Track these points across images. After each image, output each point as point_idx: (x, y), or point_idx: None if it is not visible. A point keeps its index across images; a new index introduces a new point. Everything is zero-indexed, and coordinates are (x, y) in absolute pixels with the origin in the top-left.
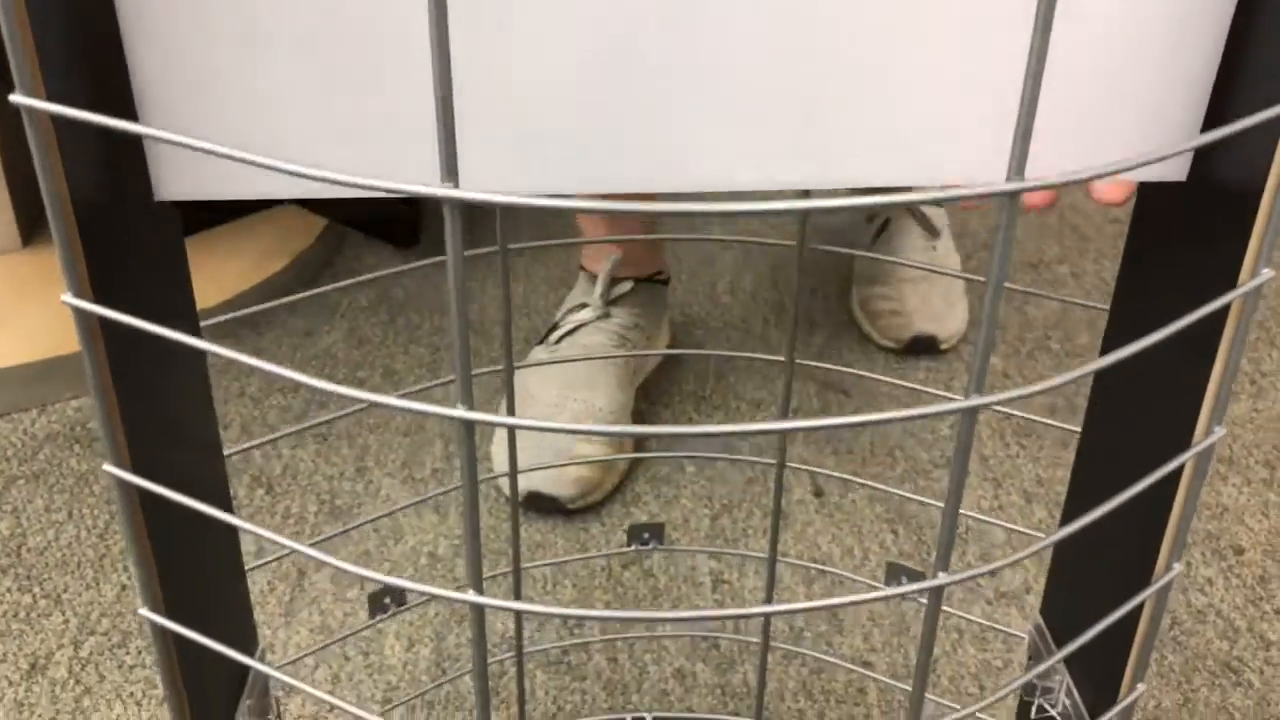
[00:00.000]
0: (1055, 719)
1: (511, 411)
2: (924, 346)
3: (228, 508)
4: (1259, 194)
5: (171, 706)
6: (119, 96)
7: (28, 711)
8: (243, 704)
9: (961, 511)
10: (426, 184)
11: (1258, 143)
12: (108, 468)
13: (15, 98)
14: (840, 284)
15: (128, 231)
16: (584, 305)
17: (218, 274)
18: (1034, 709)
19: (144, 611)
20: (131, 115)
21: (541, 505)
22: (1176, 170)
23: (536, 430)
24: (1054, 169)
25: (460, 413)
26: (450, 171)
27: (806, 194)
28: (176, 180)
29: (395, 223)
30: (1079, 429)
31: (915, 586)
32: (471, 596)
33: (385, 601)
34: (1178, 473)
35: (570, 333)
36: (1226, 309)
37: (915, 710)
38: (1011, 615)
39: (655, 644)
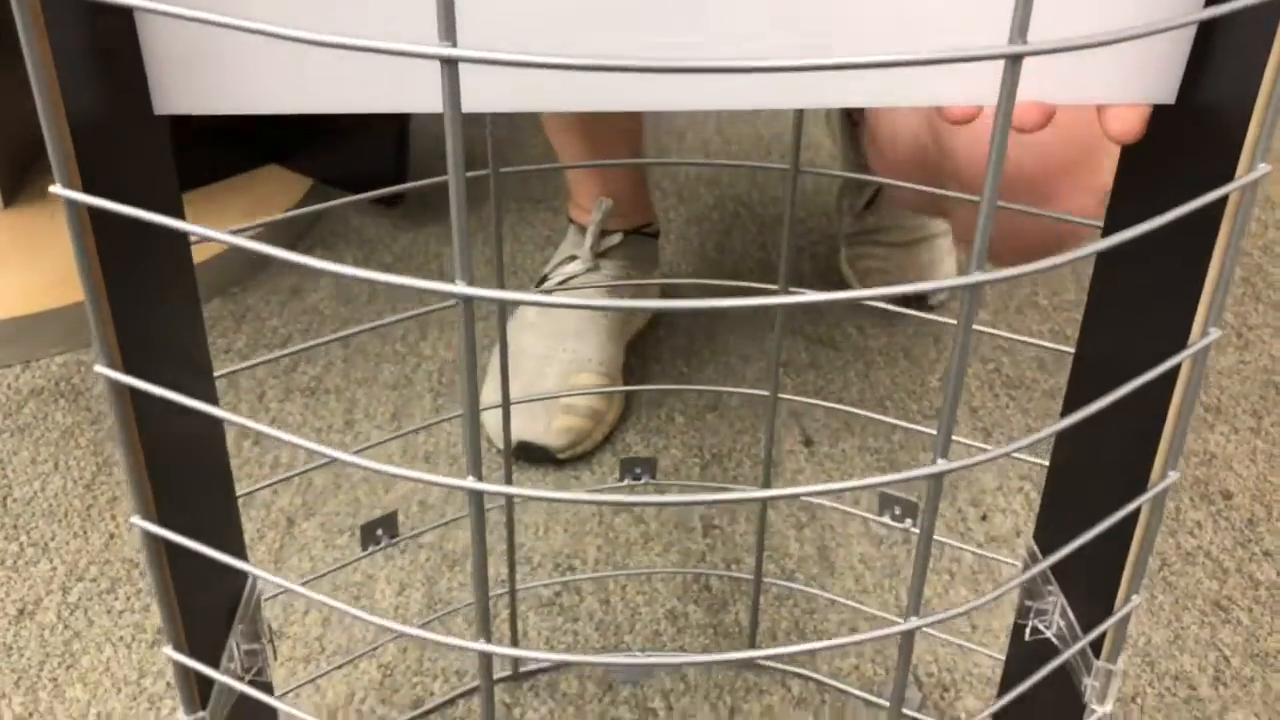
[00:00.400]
0: (1051, 640)
1: (504, 351)
2: (912, 303)
3: (219, 435)
4: (1249, 106)
5: (166, 628)
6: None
7: (17, 655)
8: (235, 628)
9: (956, 439)
10: (424, 56)
11: (1248, 54)
12: (99, 369)
13: None
14: (829, 245)
15: (121, 143)
16: (573, 258)
17: None
18: (1028, 631)
19: (136, 519)
20: (130, 30)
21: (532, 455)
22: (1165, 92)
23: (535, 305)
24: (1044, 95)
25: (460, 289)
26: (448, 32)
27: (801, 114)
28: (175, 93)
29: (380, 181)
30: (1066, 379)
31: (917, 473)
32: (470, 483)
33: (377, 534)
34: (1173, 380)
35: (559, 285)
36: (1223, 207)
37: (914, 600)
38: (1003, 556)
39: (647, 585)
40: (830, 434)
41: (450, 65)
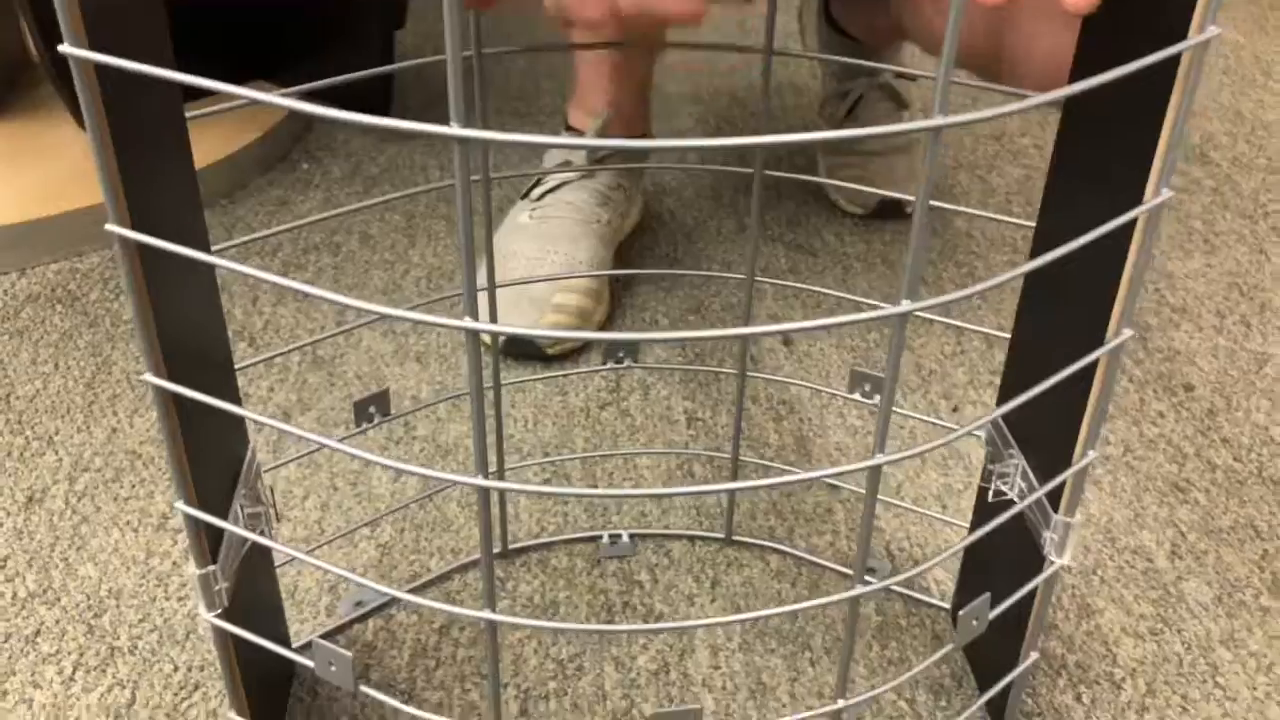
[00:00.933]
0: (1013, 500)
1: (490, 261)
2: (890, 211)
3: (217, 308)
4: None
5: (177, 485)
6: None
7: (28, 538)
8: (238, 493)
9: (923, 315)
10: None
11: None
12: (109, 227)
13: None
14: (807, 157)
15: (125, 21)
16: (568, 162)
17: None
18: (991, 493)
19: (148, 376)
20: None
21: (520, 351)
22: None
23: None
24: None
25: (455, 130)
26: None
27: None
28: None
29: (367, 96)
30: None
31: (883, 313)
32: (467, 323)
33: (370, 410)
34: (1128, 243)
35: (553, 190)
36: (1175, 73)
37: (880, 437)
38: (970, 444)
39: (632, 470)
40: (808, 334)
41: None
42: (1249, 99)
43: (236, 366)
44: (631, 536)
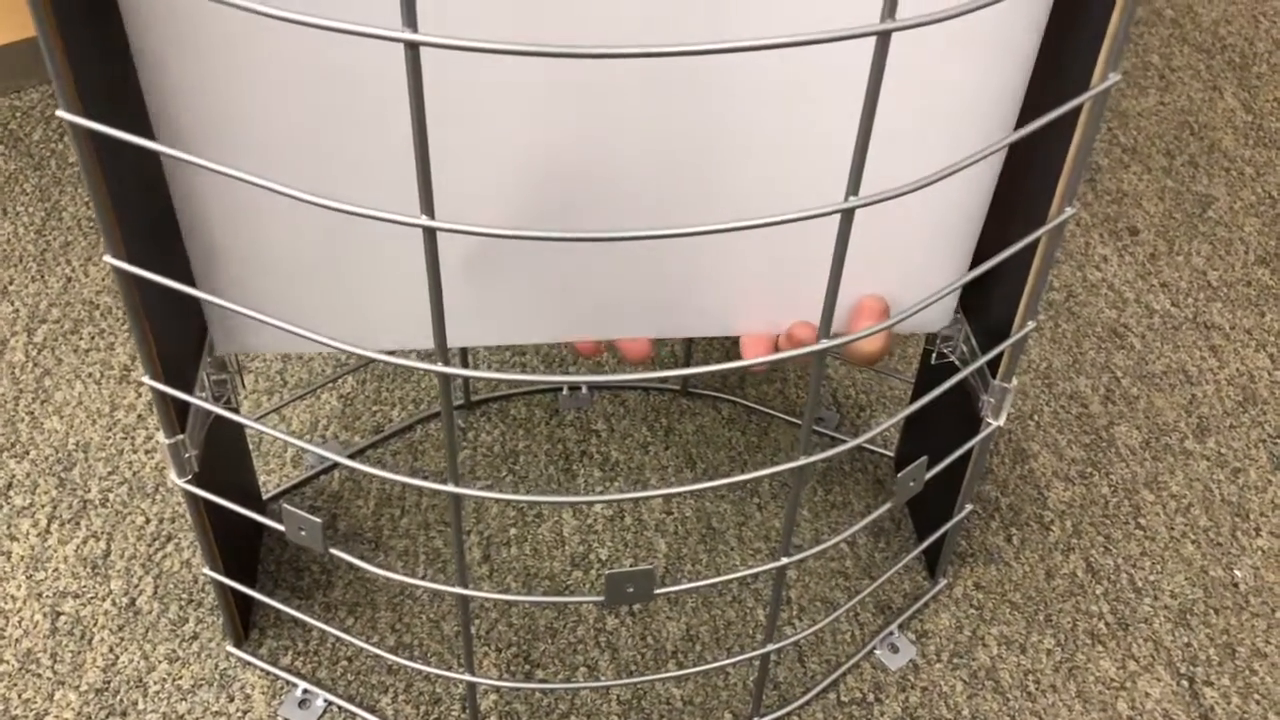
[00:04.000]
0: (955, 364)
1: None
2: None
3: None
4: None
5: (143, 362)
6: None
7: None
8: (204, 361)
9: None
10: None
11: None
12: (61, 113)
13: None
14: None
15: None
16: None
17: None
18: (934, 356)
19: (109, 258)
20: None
21: None
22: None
23: None
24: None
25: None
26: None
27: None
28: None
29: None
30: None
31: (826, 210)
32: (424, 221)
33: None
34: (1075, 126)
35: None
36: None
37: (826, 317)
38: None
39: None
40: None
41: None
42: None
43: None
44: (589, 387)
